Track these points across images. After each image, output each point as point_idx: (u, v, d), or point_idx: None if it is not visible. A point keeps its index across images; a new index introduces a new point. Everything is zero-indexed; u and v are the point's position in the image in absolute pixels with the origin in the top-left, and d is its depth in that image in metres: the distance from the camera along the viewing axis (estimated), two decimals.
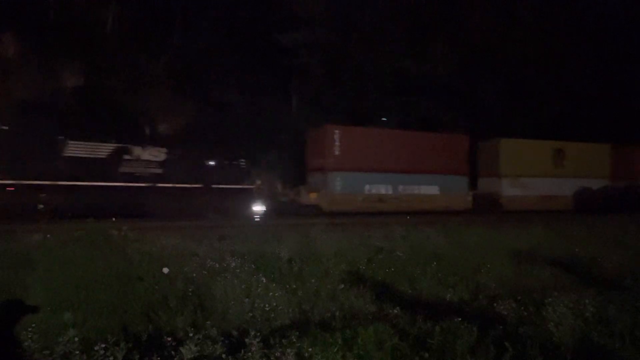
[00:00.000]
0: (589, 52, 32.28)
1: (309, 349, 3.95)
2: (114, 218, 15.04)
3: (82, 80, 21.43)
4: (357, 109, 28.25)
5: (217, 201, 18.82)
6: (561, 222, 15.42)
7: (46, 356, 3.92)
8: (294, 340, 4.03)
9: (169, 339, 4.09)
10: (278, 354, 3.78)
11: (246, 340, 3.95)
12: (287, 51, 27.77)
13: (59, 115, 18.26)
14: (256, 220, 18.64)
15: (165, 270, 6.62)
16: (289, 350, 3.81)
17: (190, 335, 3.97)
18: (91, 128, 18.22)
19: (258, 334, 4.03)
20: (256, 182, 20.73)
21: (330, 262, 7.68)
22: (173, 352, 3.84)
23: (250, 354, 3.77)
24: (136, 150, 17.85)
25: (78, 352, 3.80)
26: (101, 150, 17.31)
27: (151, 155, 18.09)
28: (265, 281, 6.22)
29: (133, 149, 17.78)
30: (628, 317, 4.94)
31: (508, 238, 11.08)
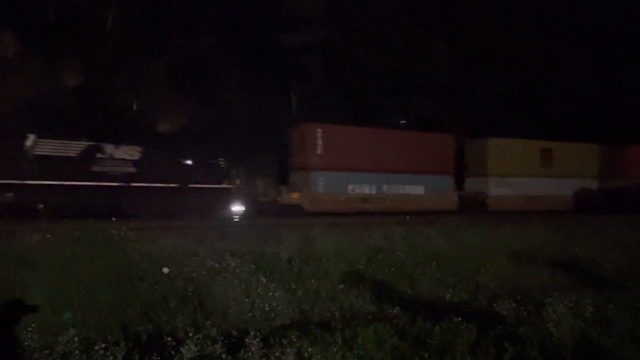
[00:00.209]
0: (589, 53, 32.31)
1: (309, 349, 3.95)
2: (114, 218, 15.01)
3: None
4: (357, 109, 28.24)
5: (195, 201, 18.44)
6: (561, 222, 15.42)
7: (46, 356, 3.92)
8: (294, 340, 4.03)
9: (169, 339, 4.10)
10: (278, 354, 3.78)
11: (246, 340, 3.95)
12: (287, 51, 27.80)
13: (28, 113, 17.93)
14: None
15: (165, 270, 6.61)
16: (289, 350, 3.82)
17: (190, 335, 3.96)
18: (62, 126, 17.91)
19: (258, 334, 4.03)
20: (236, 182, 20.32)
21: (330, 262, 7.67)
22: (173, 352, 3.85)
23: (250, 354, 3.77)
24: (109, 148, 17.45)
25: (78, 352, 3.80)
26: (71, 148, 16.94)
27: (125, 153, 17.70)
28: (265, 281, 6.22)
29: (106, 147, 17.39)
30: (628, 317, 4.94)
31: (508, 238, 11.05)
